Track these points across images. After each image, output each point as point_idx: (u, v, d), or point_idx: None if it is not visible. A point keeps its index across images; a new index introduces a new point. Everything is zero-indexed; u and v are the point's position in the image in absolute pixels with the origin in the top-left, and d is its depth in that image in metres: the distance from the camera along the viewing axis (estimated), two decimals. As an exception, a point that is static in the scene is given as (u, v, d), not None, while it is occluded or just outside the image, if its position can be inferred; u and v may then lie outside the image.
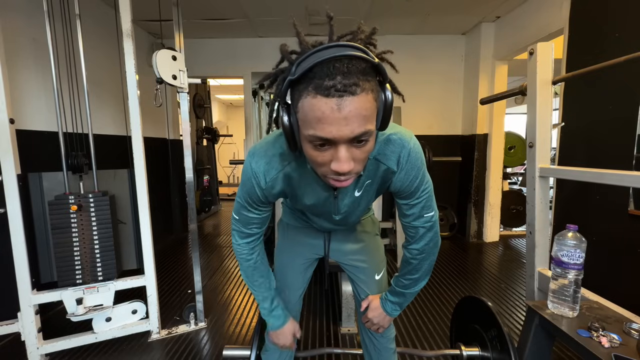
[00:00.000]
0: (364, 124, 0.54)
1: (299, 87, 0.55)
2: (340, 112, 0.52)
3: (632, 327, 0.93)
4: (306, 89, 0.53)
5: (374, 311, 1.02)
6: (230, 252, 3.44)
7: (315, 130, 0.54)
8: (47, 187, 1.72)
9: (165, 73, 1.71)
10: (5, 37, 1.56)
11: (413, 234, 0.85)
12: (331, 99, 0.51)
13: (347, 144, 0.56)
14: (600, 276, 1.87)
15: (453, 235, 3.83)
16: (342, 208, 0.84)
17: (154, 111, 3.31)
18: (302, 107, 0.55)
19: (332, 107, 0.52)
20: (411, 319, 2.06)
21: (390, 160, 0.73)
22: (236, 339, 1.89)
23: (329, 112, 0.52)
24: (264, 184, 0.76)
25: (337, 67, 0.51)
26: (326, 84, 0.51)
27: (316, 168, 0.63)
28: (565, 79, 1.29)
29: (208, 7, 3.00)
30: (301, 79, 0.54)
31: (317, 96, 0.52)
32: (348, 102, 0.52)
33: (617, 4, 1.88)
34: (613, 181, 0.99)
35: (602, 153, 1.95)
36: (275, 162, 0.75)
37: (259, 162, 0.75)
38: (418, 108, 3.77)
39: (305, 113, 0.54)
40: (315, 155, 0.59)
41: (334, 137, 0.54)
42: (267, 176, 0.75)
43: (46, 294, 1.66)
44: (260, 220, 0.87)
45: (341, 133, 0.53)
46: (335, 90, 0.51)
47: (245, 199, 0.82)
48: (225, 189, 7.15)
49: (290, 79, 0.55)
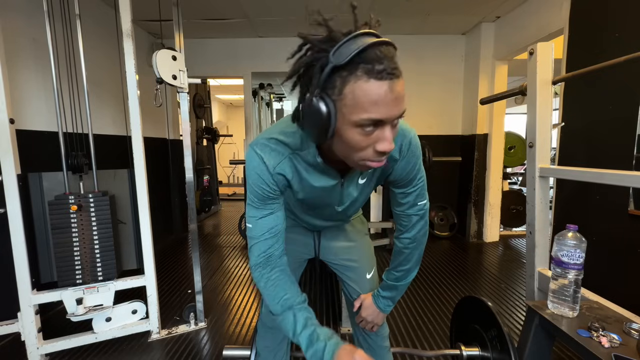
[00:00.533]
0: (404, 103, 0.59)
1: (342, 73, 0.56)
2: (392, 94, 0.55)
3: (632, 327, 0.93)
4: (353, 74, 0.55)
5: (367, 309, 1.03)
6: (230, 252, 3.44)
7: (369, 113, 0.56)
8: (47, 187, 1.72)
9: (165, 73, 1.71)
10: (5, 37, 1.56)
11: (406, 222, 0.89)
12: (384, 81, 0.54)
13: (391, 124, 0.60)
14: (600, 276, 1.87)
15: (453, 235, 3.83)
16: (345, 198, 0.85)
17: (154, 111, 3.31)
18: (352, 92, 0.56)
19: (386, 90, 0.55)
20: (411, 319, 2.06)
21: (394, 150, 0.75)
22: (236, 339, 1.89)
23: (384, 94, 0.55)
24: (272, 168, 0.73)
25: (383, 52, 0.54)
26: (377, 68, 0.53)
27: (354, 154, 0.62)
28: (565, 79, 1.29)
29: (208, 7, 3.00)
30: (345, 65, 0.55)
31: (370, 80, 0.54)
32: (396, 84, 0.55)
33: (617, 4, 1.88)
34: (613, 181, 0.99)
35: (602, 153, 1.95)
36: (280, 148, 0.73)
37: (264, 149, 0.73)
38: (418, 108, 3.77)
39: (357, 98, 0.55)
40: (360, 141, 0.60)
41: (387, 118, 0.57)
42: (273, 161, 0.73)
43: (46, 294, 1.66)
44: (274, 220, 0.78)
45: (392, 113, 0.57)
46: (387, 74, 0.54)
47: (255, 194, 0.75)
48: (225, 189, 7.14)
49: (335, 66, 0.55)
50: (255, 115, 5.36)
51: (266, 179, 0.73)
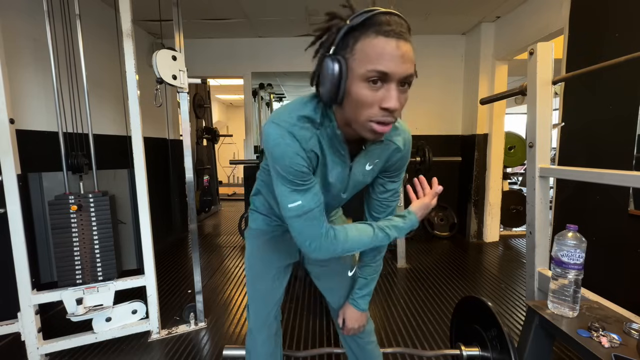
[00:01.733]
0: (412, 66, 0.64)
1: (355, 33, 0.63)
2: (398, 50, 0.61)
3: (632, 327, 0.93)
4: (365, 33, 0.62)
5: (351, 318, 1.04)
6: (230, 252, 3.44)
7: (375, 64, 0.61)
8: (47, 187, 1.72)
9: (165, 73, 1.71)
10: (5, 37, 1.56)
11: (383, 209, 0.93)
12: (391, 39, 0.61)
13: (398, 85, 0.64)
14: (600, 276, 1.87)
15: (453, 235, 3.83)
16: (351, 184, 0.87)
17: (154, 111, 3.31)
18: (362, 48, 0.62)
19: (392, 45, 0.61)
20: (411, 319, 2.06)
21: (400, 141, 0.85)
22: (236, 339, 1.89)
23: (389, 48, 0.61)
24: (306, 145, 0.70)
25: (393, 18, 0.62)
26: (386, 28, 0.60)
27: (361, 111, 0.66)
28: (565, 79, 1.29)
29: (208, 7, 3.00)
30: (358, 27, 0.62)
31: (378, 36, 0.61)
32: (403, 44, 0.62)
33: (617, 4, 1.88)
34: (613, 181, 0.99)
35: (602, 153, 1.95)
36: (308, 125, 0.71)
37: (294, 127, 0.69)
38: (418, 108, 3.77)
39: (365, 51, 0.62)
40: (366, 95, 0.64)
41: (392, 71, 0.61)
42: (305, 138, 0.70)
43: (46, 294, 1.66)
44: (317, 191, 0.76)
45: (398, 69, 0.61)
46: (394, 33, 0.61)
47: (295, 174, 0.71)
48: (225, 189, 7.14)
49: (351, 26, 0.63)
50: (255, 115, 5.36)
51: (302, 155, 0.70)
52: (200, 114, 4.82)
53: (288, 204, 0.74)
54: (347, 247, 0.80)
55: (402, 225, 0.88)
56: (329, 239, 0.77)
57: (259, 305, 1.05)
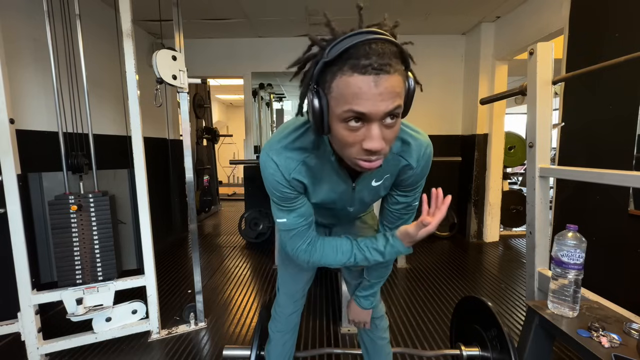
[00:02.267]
0: (396, 100, 0.57)
1: (333, 68, 0.57)
2: (376, 88, 0.55)
3: (632, 327, 0.93)
4: (341, 69, 0.56)
5: (353, 312, 1.10)
6: (230, 252, 3.44)
7: (351, 105, 0.56)
8: (47, 187, 1.72)
9: (165, 73, 1.71)
10: (5, 37, 1.56)
11: (395, 220, 0.90)
12: (368, 76, 0.54)
13: (379, 122, 0.59)
14: (600, 276, 1.87)
15: (453, 235, 3.83)
16: (357, 201, 0.86)
17: (154, 111, 3.31)
18: (337, 86, 0.57)
19: (369, 84, 0.54)
20: (411, 319, 2.06)
21: (412, 158, 0.78)
22: (236, 339, 1.89)
23: (366, 87, 0.55)
24: (288, 175, 0.74)
25: (373, 48, 0.55)
26: (363, 62, 0.54)
27: (345, 150, 0.63)
28: (565, 79, 1.29)
29: (208, 7, 3.00)
30: (335, 61, 0.57)
31: (354, 74, 0.55)
32: (383, 80, 0.55)
33: (617, 4, 1.88)
34: (613, 181, 0.99)
35: (602, 153, 1.95)
36: (295, 154, 0.74)
37: (279, 156, 0.73)
38: (418, 108, 3.72)
39: (341, 91, 0.57)
40: (346, 136, 0.60)
41: (370, 112, 0.56)
42: (289, 168, 0.74)
43: (46, 294, 1.66)
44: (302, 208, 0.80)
45: (376, 108, 0.56)
46: (372, 69, 0.54)
47: (278, 197, 0.77)
48: (225, 189, 7.14)
49: (325, 61, 0.57)
50: (255, 115, 5.36)
51: (284, 184, 0.75)
52: (200, 114, 4.82)
53: (277, 219, 0.82)
54: (321, 262, 0.86)
55: (383, 249, 0.83)
56: (307, 253, 0.85)
57: (289, 284, 1.13)
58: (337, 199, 0.84)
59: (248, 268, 2.98)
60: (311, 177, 0.77)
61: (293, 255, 0.86)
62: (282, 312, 1.14)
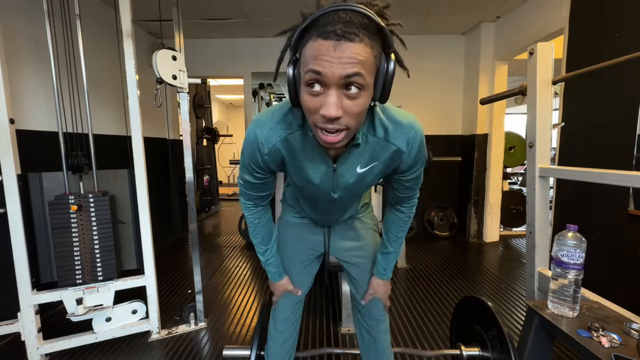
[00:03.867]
0: (356, 66, 0.56)
1: (305, 36, 0.60)
2: (334, 52, 0.55)
3: (632, 327, 0.93)
4: (310, 35, 0.58)
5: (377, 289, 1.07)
6: (230, 252, 3.44)
7: (309, 65, 0.58)
8: (47, 187, 1.72)
9: (165, 73, 1.71)
10: (5, 37, 1.56)
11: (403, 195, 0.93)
12: (329, 40, 0.56)
13: (339, 90, 0.59)
14: (600, 276, 1.87)
15: (453, 235, 3.83)
16: (341, 185, 0.85)
17: (154, 111, 3.31)
18: (304, 51, 0.60)
19: (328, 47, 0.56)
20: (411, 319, 2.06)
21: (400, 142, 0.77)
22: (236, 339, 1.89)
23: (324, 50, 0.56)
24: (266, 149, 0.77)
25: (340, 16, 0.56)
26: (328, 29, 0.56)
27: (309, 118, 0.65)
28: (565, 79, 1.29)
29: (208, 7, 3.00)
30: (308, 29, 0.59)
31: (318, 39, 0.57)
32: (344, 46, 0.55)
33: (617, 4, 1.88)
34: (613, 181, 0.99)
35: (602, 153, 1.95)
36: (279, 128, 0.76)
37: (263, 128, 0.76)
38: (418, 108, 3.77)
39: (305, 54, 0.59)
40: (307, 101, 0.61)
41: (325, 72, 0.57)
42: (269, 142, 0.77)
43: (46, 294, 1.66)
44: (262, 185, 0.89)
45: (332, 70, 0.56)
46: (334, 34, 0.55)
47: (247, 164, 0.83)
48: (225, 189, 7.14)
49: (300, 29, 0.60)
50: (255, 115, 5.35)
51: (257, 156, 0.79)
52: (200, 114, 4.82)
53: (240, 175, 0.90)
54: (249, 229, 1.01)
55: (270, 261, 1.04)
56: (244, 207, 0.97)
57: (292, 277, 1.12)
58: (320, 182, 0.84)
59: (248, 268, 2.98)
60: (292, 154, 0.79)
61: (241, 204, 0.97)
62: (281, 313, 1.13)
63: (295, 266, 1.11)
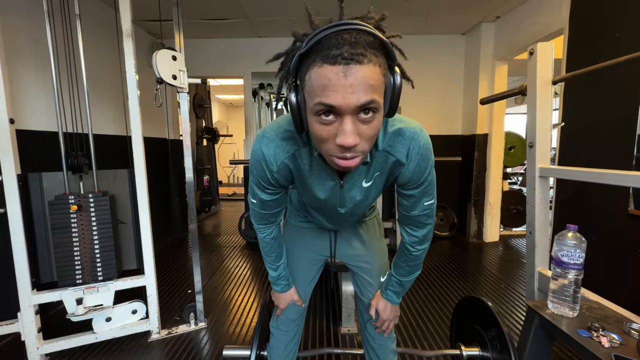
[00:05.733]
0: (370, 93, 0.53)
1: (307, 61, 0.56)
2: (346, 79, 0.52)
3: (632, 327, 0.93)
4: (314, 61, 0.54)
5: (385, 311, 1.04)
6: (230, 252, 3.44)
7: (320, 97, 0.54)
8: (47, 187, 1.72)
9: (165, 73, 1.71)
10: (5, 37, 1.56)
11: (413, 224, 0.88)
12: (337, 66, 0.52)
13: (353, 116, 0.55)
14: (600, 276, 1.87)
15: (453, 235, 3.83)
16: (348, 201, 0.84)
17: (154, 111, 3.31)
18: (310, 79, 0.55)
19: (337, 74, 0.52)
20: (411, 319, 2.06)
21: (400, 153, 0.73)
22: (236, 339, 1.89)
23: (334, 78, 0.52)
24: (274, 167, 0.76)
25: (344, 38, 0.52)
26: (333, 53, 0.52)
27: (321, 146, 0.61)
28: (565, 79, 1.29)
29: (208, 7, 3.00)
30: (309, 53, 0.55)
31: (323, 65, 0.53)
32: (354, 70, 0.52)
33: (617, 4, 1.88)
34: (613, 181, 0.99)
35: (602, 153, 1.95)
36: (285, 145, 0.74)
37: (269, 146, 0.74)
38: (418, 108, 3.77)
39: (312, 83, 0.55)
40: (319, 130, 0.58)
41: (339, 105, 0.53)
42: (277, 159, 0.75)
43: (46, 294, 1.66)
44: (274, 202, 0.87)
45: (347, 100, 0.53)
46: (341, 59, 0.51)
47: (257, 181, 0.81)
48: (225, 189, 7.14)
49: (300, 53, 0.56)
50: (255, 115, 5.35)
51: (267, 174, 0.77)
52: (200, 114, 4.82)
53: (250, 192, 0.87)
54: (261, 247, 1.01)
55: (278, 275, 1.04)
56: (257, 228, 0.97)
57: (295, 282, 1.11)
58: (327, 197, 0.83)
59: (248, 268, 2.98)
60: (299, 171, 0.78)
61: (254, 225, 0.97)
62: (288, 313, 1.12)
63: (300, 267, 1.10)
